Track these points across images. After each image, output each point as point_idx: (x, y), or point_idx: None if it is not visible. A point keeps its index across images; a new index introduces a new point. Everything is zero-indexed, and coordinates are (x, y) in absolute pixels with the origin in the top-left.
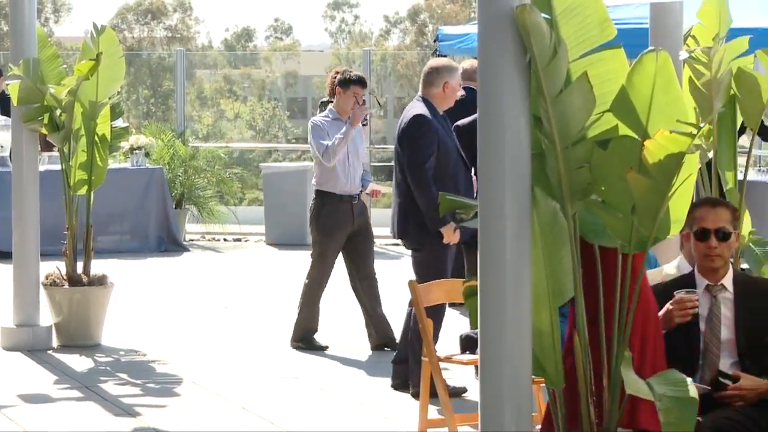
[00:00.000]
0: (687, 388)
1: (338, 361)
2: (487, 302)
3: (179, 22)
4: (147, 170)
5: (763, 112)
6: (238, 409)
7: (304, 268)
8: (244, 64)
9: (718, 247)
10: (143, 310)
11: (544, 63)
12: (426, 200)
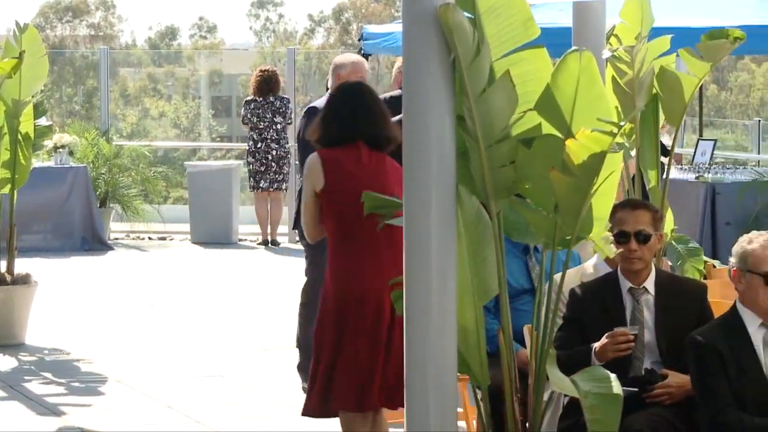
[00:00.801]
0: (611, 384)
1: (264, 359)
2: (412, 300)
3: (102, 20)
4: (71, 169)
5: (685, 111)
6: (164, 407)
7: (229, 267)
8: (168, 62)
9: (639, 249)
10: (68, 309)
11: (467, 62)
12: None
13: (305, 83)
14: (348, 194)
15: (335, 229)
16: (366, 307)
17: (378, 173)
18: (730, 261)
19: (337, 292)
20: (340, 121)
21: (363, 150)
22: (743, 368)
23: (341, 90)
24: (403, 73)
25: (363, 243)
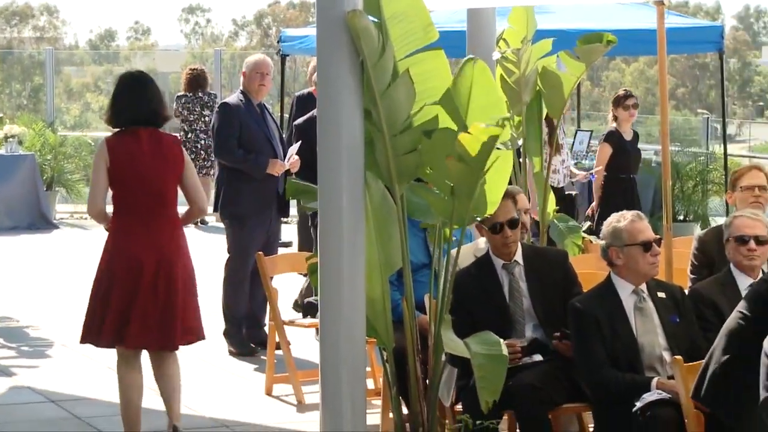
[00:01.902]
0: (499, 347)
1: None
2: (327, 273)
3: (47, 24)
4: (20, 156)
5: (564, 105)
6: (105, 369)
7: None
8: (107, 61)
9: (512, 235)
10: (17, 282)
11: (373, 62)
12: (239, 162)
13: (230, 81)
14: (129, 173)
15: (117, 201)
16: (135, 265)
17: (156, 153)
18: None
19: (114, 251)
20: (121, 107)
21: (142, 133)
22: (616, 331)
23: (122, 79)
24: (317, 72)
25: (139, 214)
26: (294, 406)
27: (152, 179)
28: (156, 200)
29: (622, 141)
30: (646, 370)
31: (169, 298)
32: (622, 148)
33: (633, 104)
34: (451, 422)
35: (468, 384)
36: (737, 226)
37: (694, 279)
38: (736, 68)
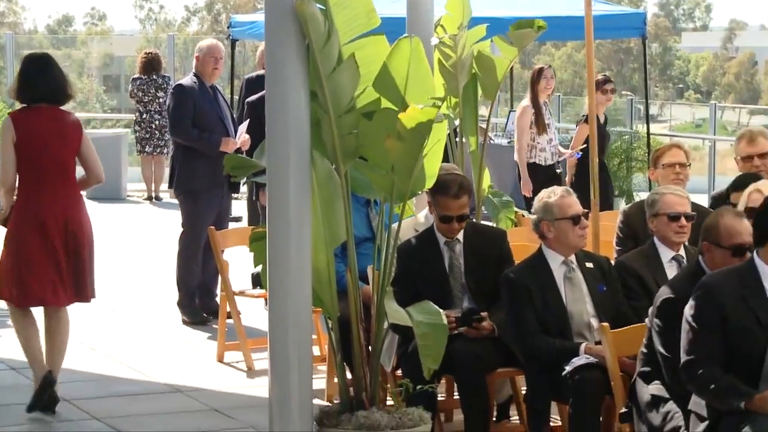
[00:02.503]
0: (440, 316)
1: (150, 295)
2: (275, 245)
3: (6, 9)
4: None
5: (498, 87)
6: None
7: (119, 219)
8: (66, 45)
9: (459, 227)
10: None
11: (319, 46)
12: (194, 141)
13: (183, 64)
14: (33, 145)
15: (24, 171)
16: (41, 228)
17: (56, 130)
18: (534, 216)
19: (21, 214)
20: (25, 85)
21: (44, 110)
22: (547, 300)
23: (26, 59)
24: (266, 56)
25: (44, 181)
26: (244, 372)
27: (53, 152)
28: (58, 169)
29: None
30: (575, 336)
31: (78, 255)
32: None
33: (611, 89)
34: (392, 386)
35: (408, 350)
36: (668, 203)
37: (619, 251)
38: (658, 53)
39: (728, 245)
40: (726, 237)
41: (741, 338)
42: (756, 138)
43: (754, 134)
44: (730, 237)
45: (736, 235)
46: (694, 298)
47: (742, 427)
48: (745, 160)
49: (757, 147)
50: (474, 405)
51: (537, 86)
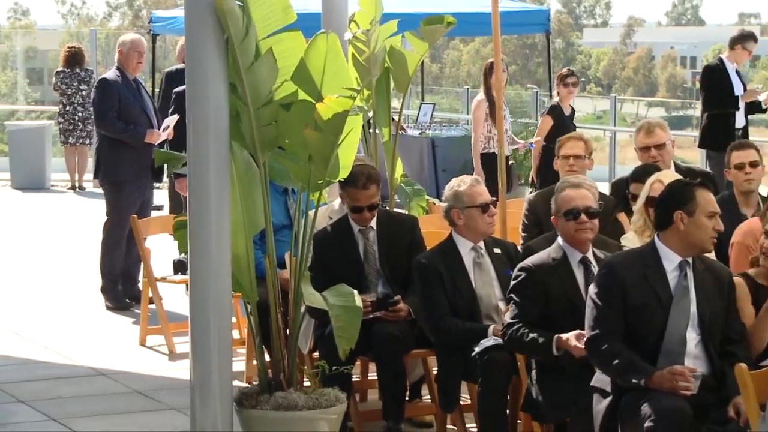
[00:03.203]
0: (353, 299)
1: (74, 282)
2: (196, 233)
3: None
4: None
5: (410, 80)
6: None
7: (44, 207)
8: None
9: (370, 216)
10: None
11: (238, 41)
12: (120, 133)
13: (105, 58)
14: None
15: None
16: None
17: None
18: (445, 204)
19: None
20: None
21: None
22: (457, 284)
23: None
24: (186, 51)
25: None
26: (166, 355)
27: None
28: None
29: (561, 115)
30: (484, 319)
31: None
32: (561, 121)
33: (573, 82)
34: (309, 368)
35: (324, 333)
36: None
37: (525, 237)
38: (561, 48)
39: (564, 211)
40: (562, 205)
41: (641, 315)
42: (653, 129)
43: (652, 126)
44: (565, 204)
45: (570, 200)
46: (598, 276)
47: (642, 403)
48: (643, 151)
49: (654, 138)
50: (391, 385)
51: (490, 79)
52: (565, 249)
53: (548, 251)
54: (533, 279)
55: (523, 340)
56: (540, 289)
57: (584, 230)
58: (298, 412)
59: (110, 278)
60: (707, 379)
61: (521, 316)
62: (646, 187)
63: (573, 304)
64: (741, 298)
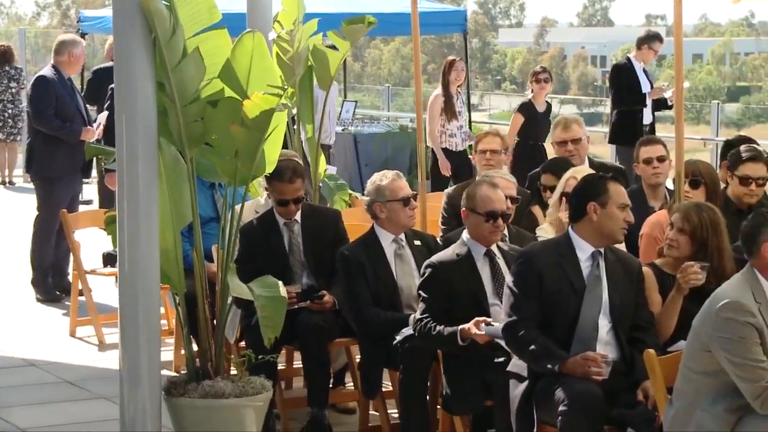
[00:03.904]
0: (278, 289)
1: (3, 275)
2: (125, 226)
3: None
4: None
5: (332, 79)
6: None
7: None
8: None
9: (295, 209)
10: None
11: (165, 40)
12: (57, 130)
13: (34, 56)
14: None
15: None
16: None
17: None
18: (367, 198)
19: None
20: None
21: None
22: (379, 275)
23: None
24: (114, 49)
25: None
26: (96, 345)
27: None
28: None
29: (533, 111)
30: (405, 308)
31: None
32: (533, 117)
33: (544, 78)
34: (236, 357)
35: (250, 323)
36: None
37: (445, 229)
38: (478, 47)
39: (483, 212)
40: (481, 204)
41: (556, 302)
42: (570, 125)
43: (569, 122)
44: (485, 205)
45: (490, 202)
46: (516, 265)
47: (556, 388)
48: (560, 145)
49: (570, 133)
50: (316, 373)
51: (448, 77)
52: (469, 245)
53: (453, 248)
54: (437, 276)
55: (430, 334)
56: (444, 286)
57: (497, 232)
58: (225, 400)
59: (41, 271)
60: (617, 364)
61: (428, 311)
62: (561, 182)
63: (477, 298)
64: (649, 287)
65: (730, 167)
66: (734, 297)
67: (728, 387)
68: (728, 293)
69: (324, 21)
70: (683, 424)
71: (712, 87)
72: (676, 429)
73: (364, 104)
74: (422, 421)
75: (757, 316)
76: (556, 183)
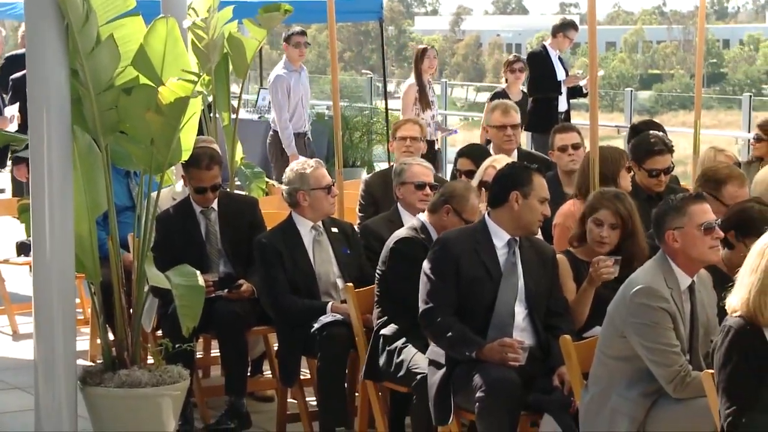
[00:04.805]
0: (196, 278)
1: None
2: (38, 216)
3: None
4: None
5: (248, 66)
6: None
7: None
8: None
9: (213, 196)
10: None
11: (78, 27)
12: None
13: None
14: None
15: None
16: None
17: None
18: (288, 186)
19: None
20: None
21: None
22: (297, 263)
23: None
24: (26, 36)
25: None
26: (9, 335)
27: None
28: None
29: None
30: (323, 296)
31: None
32: None
33: (519, 68)
34: (153, 346)
35: (168, 312)
36: (415, 173)
37: (362, 216)
38: (394, 35)
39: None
40: (470, 212)
41: (473, 289)
42: (509, 110)
43: (508, 107)
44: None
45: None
46: (432, 251)
47: (473, 374)
48: (499, 129)
49: (510, 118)
50: (234, 361)
51: (421, 65)
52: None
53: (411, 227)
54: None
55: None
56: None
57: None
58: (142, 389)
59: None
60: (534, 350)
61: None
62: (480, 171)
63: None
64: (564, 275)
65: (637, 160)
66: (647, 283)
67: (642, 372)
68: (641, 279)
69: (239, 8)
70: (599, 409)
71: (625, 75)
72: (592, 414)
73: None
74: (340, 408)
75: (669, 302)
76: (472, 168)
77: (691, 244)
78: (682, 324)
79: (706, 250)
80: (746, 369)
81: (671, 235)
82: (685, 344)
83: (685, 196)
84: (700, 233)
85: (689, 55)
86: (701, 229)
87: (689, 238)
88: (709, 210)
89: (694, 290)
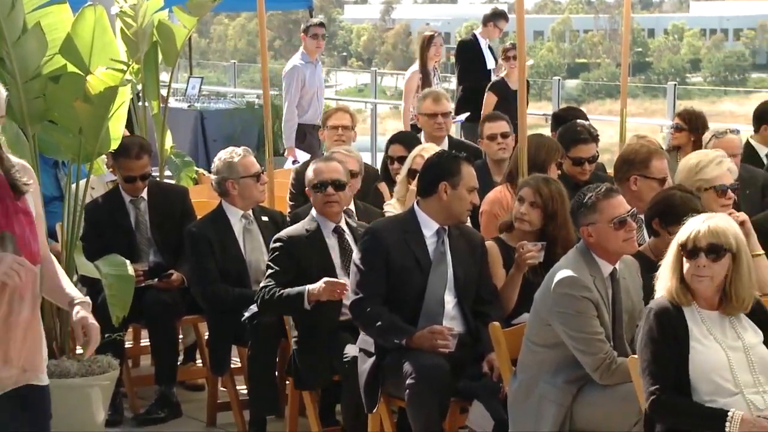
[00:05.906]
0: (126, 267)
1: None
2: None
3: None
4: None
5: (178, 54)
6: None
7: None
8: None
9: (142, 185)
10: None
11: (4, 14)
12: None
13: None
14: None
15: None
16: None
17: None
18: (217, 175)
19: None
20: None
21: None
22: (227, 251)
23: None
24: None
25: None
26: None
27: None
28: None
29: (505, 90)
30: (253, 285)
31: None
32: (505, 96)
33: (513, 56)
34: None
35: (97, 301)
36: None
37: (292, 205)
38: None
39: (313, 184)
40: (313, 178)
41: (402, 278)
42: (440, 99)
43: (439, 95)
44: (315, 177)
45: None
46: (362, 242)
47: (403, 362)
48: (430, 117)
49: (441, 106)
50: (164, 350)
51: (427, 53)
52: (318, 220)
53: (302, 223)
54: (286, 250)
55: (273, 299)
56: (292, 261)
57: (331, 203)
58: (71, 380)
59: None
60: (463, 337)
61: (273, 279)
62: (409, 159)
63: (326, 273)
64: (493, 262)
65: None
66: (570, 272)
67: (569, 359)
68: (564, 269)
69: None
70: (527, 395)
71: (553, 64)
72: (520, 400)
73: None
74: (271, 397)
75: (593, 290)
76: (404, 154)
77: (605, 238)
78: (606, 311)
79: (620, 243)
80: (667, 349)
81: (585, 230)
82: (609, 331)
83: (598, 191)
84: (612, 228)
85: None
86: (613, 224)
87: (603, 233)
88: (621, 203)
89: (616, 277)
